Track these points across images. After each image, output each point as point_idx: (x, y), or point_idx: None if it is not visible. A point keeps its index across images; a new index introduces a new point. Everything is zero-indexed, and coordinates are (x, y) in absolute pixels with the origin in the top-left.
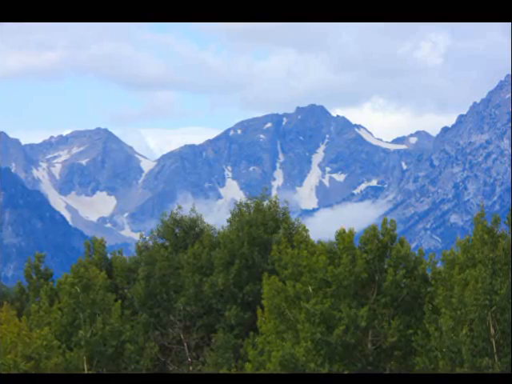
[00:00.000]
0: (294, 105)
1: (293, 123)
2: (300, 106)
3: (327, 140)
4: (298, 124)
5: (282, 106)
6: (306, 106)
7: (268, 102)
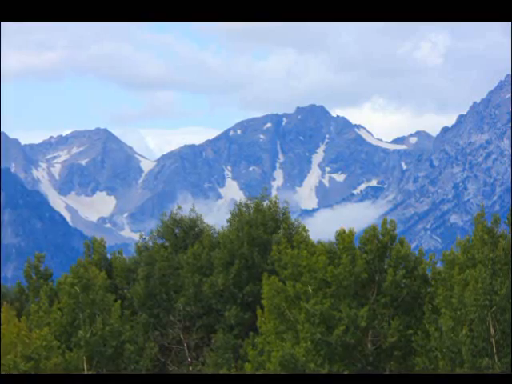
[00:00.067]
0: (293, 105)
1: (293, 123)
2: (300, 106)
3: (327, 140)
4: (297, 124)
5: (281, 106)
6: (306, 106)
7: (268, 102)
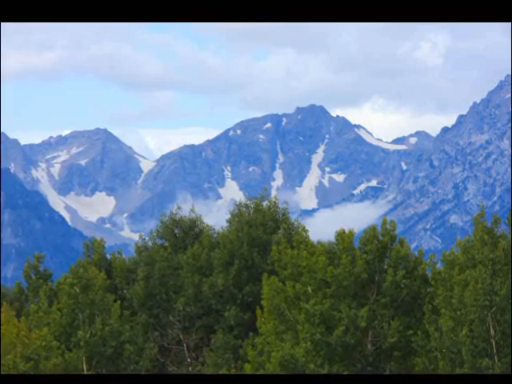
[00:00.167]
0: (293, 105)
1: (292, 123)
2: (300, 106)
3: (327, 140)
4: (297, 124)
5: (281, 106)
6: (306, 106)
7: (267, 102)
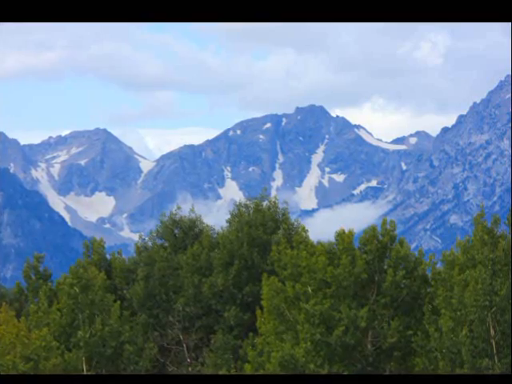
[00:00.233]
0: (293, 105)
1: (292, 123)
2: (299, 107)
3: (327, 140)
4: (297, 124)
5: (281, 107)
6: (306, 106)
7: (267, 102)
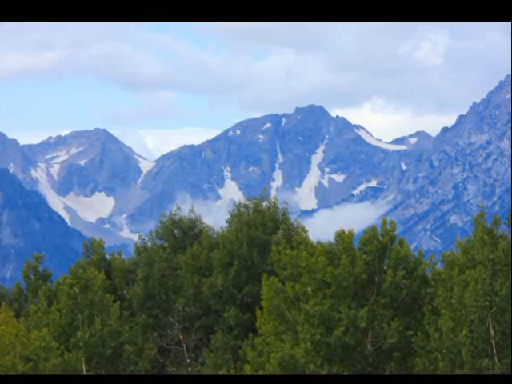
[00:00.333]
0: (293, 105)
1: (292, 123)
2: (299, 107)
3: (326, 140)
4: (297, 124)
5: (281, 107)
6: (306, 106)
7: (267, 102)
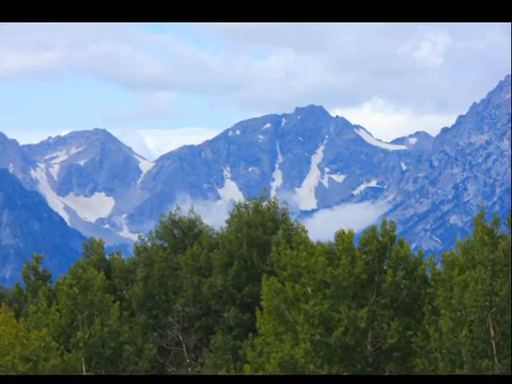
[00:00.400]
0: (293, 105)
1: (292, 124)
2: (299, 107)
3: (326, 140)
4: (297, 124)
5: (281, 107)
6: (305, 106)
7: (267, 102)
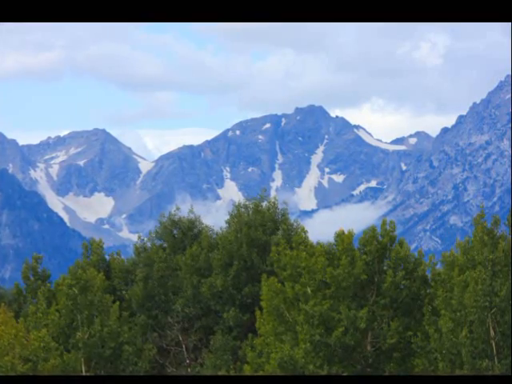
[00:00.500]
0: (292, 105)
1: (291, 124)
2: (299, 107)
3: (326, 141)
4: (296, 125)
5: (280, 107)
6: (305, 106)
7: (267, 102)
